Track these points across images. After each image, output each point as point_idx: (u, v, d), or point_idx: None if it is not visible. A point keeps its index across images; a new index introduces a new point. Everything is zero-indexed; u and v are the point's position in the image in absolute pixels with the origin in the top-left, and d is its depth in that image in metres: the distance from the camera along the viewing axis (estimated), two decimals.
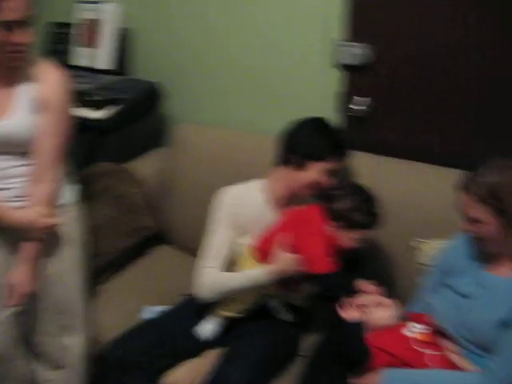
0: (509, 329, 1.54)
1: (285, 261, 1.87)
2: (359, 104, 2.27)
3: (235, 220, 2.02)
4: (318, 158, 1.95)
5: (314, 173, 1.96)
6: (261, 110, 2.11)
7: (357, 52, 2.20)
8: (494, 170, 1.56)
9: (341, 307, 1.75)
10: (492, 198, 1.53)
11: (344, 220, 1.85)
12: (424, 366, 1.63)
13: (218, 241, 2.01)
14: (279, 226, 1.97)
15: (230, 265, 2.01)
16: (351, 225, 1.85)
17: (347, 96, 2.31)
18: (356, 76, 2.27)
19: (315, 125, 2.03)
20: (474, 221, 1.59)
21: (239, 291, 1.95)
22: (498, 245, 1.61)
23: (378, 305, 1.78)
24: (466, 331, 1.64)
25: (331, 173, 1.97)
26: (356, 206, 1.84)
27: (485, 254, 1.68)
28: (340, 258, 1.86)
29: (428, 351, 1.66)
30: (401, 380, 1.62)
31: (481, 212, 1.56)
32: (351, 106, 2.28)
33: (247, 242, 2.01)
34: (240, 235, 2.02)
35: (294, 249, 1.88)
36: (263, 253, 1.96)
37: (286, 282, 1.91)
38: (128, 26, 2.82)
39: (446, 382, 1.60)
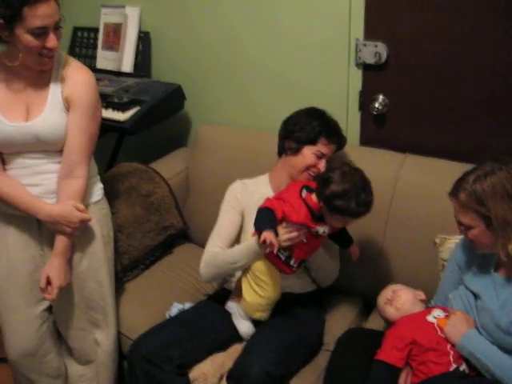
0: None
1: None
2: (378, 102, 2.31)
3: (239, 205, 2.08)
4: (311, 141, 2.03)
5: (309, 156, 2.03)
6: (280, 109, 2.14)
7: (374, 51, 2.23)
8: (480, 176, 1.59)
9: None
10: (477, 204, 1.57)
11: (334, 205, 1.80)
12: (446, 353, 1.65)
13: (221, 223, 2.10)
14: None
15: None
16: (340, 211, 1.81)
17: (366, 94, 2.34)
18: (374, 74, 2.30)
19: (308, 112, 2.11)
20: (463, 225, 1.64)
21: (231, 264, 1.96)
22: (488, 247, 1.64)
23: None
24: (480, 329, 1.66)
25: (324, 156, 2.03)
26: (349, 193, 1.79)
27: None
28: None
29: None
30: (477, 342, 1.63)
31: (468, 217, 1.61)
32: (370, 105, 2.31)
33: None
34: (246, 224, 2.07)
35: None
36: None
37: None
38: (149, 29, 2.86)
39: (504, 359, 1.60)
